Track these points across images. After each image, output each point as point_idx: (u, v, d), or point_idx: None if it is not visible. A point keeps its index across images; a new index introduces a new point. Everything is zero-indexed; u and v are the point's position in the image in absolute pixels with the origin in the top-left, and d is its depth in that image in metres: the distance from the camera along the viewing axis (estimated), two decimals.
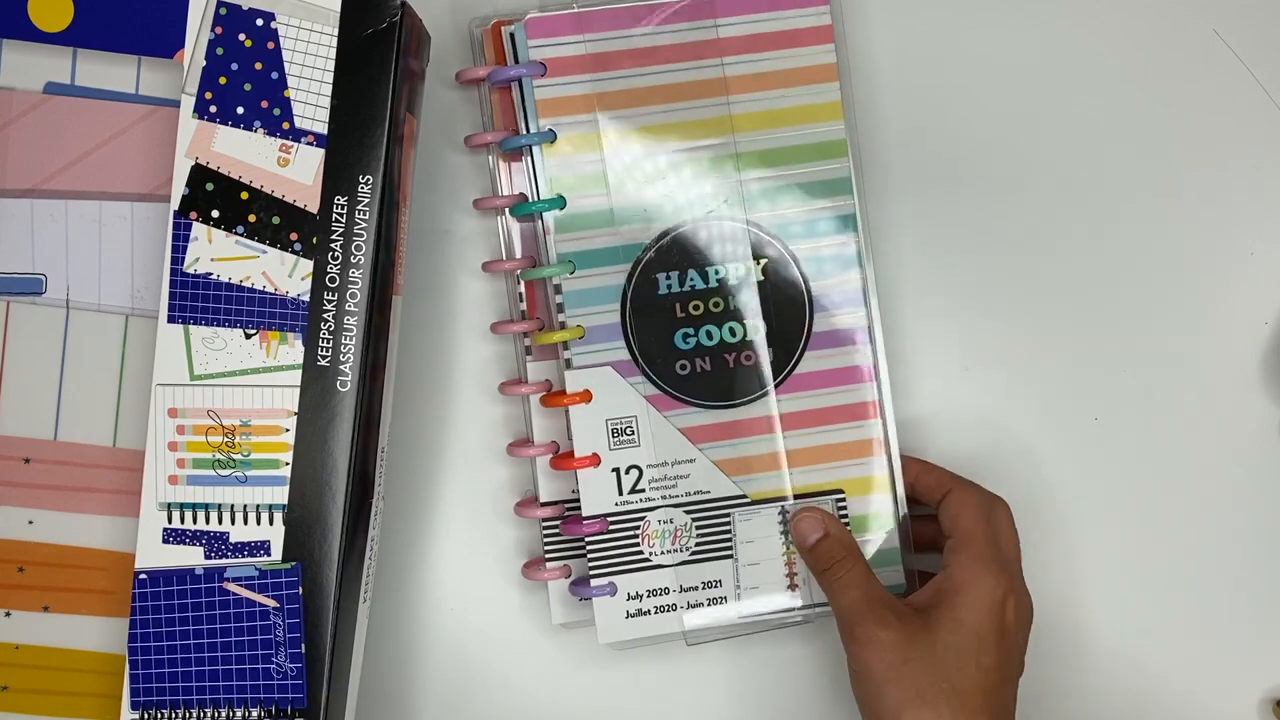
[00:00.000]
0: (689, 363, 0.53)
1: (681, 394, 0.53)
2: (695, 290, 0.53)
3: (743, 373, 0.54)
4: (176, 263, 0.48)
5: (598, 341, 0.53)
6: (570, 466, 0.53)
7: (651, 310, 0.53)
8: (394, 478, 0.55)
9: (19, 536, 0.50)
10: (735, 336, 0.54)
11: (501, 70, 0.52)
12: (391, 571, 0.56)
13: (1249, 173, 0.58)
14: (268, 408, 0.48)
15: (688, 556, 0.53)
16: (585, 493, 0.53)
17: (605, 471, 0.53)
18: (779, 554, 0.53)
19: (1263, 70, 0.58)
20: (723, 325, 0.53)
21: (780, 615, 0.54)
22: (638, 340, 0.53)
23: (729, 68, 0.53)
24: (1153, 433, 0.58)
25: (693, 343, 0.53)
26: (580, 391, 0.53)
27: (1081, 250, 0.58)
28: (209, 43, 0.48)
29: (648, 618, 0.53)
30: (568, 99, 0.52)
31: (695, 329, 0.53)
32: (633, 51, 0.53)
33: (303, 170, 0.48)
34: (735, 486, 0.53)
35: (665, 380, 0.53)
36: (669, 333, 0.53)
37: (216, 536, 0.48)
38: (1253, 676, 0.58)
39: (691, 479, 0.53)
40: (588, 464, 0.53)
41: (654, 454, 0.53)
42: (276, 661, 0.48)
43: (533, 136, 0.52)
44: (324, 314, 0.48)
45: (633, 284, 0.53)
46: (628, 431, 0.53)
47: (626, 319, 0.53)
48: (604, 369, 0.53)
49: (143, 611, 0.48)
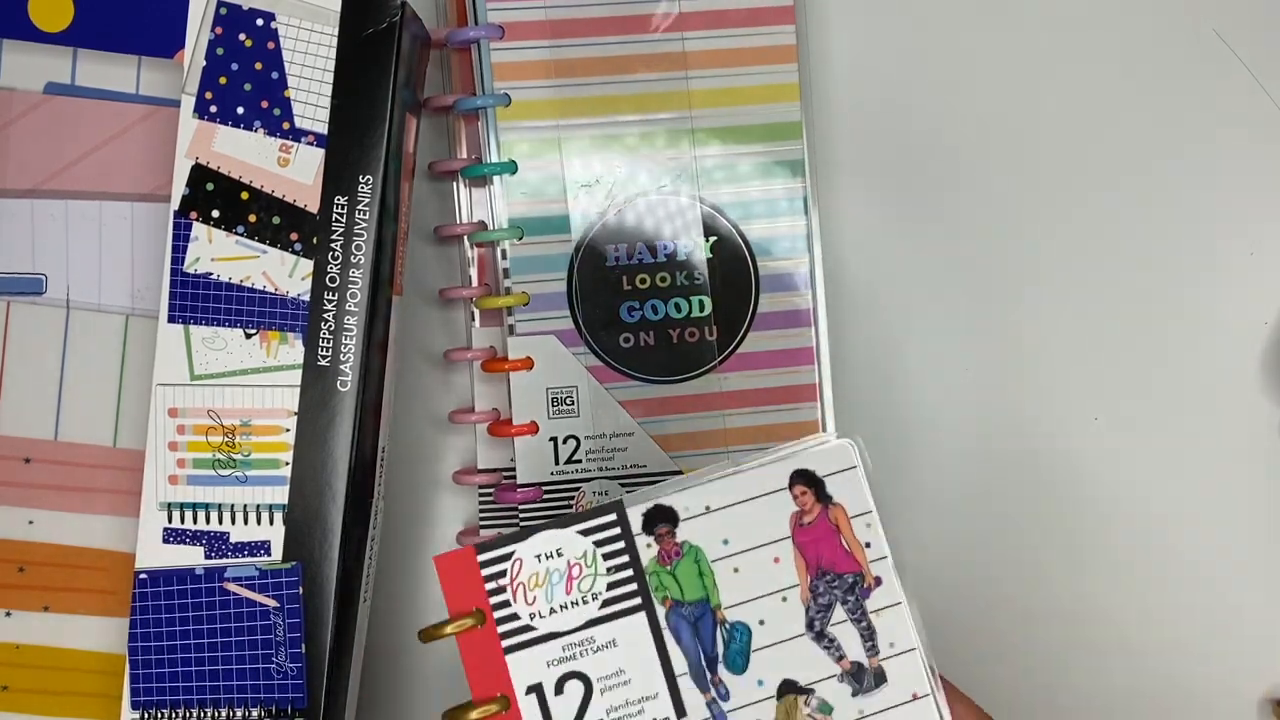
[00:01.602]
0: (633, 336, 0.53)
1: (624, 367, 0.53)
2: (643, 264, 0.53)
3: (686, 349, 0.54)
4: (177, 263, 0.48)
5: (542, 309, 0.53)
6: (507, 433, 0.53)
7: (598, 281, 0.53)
8: (394, 478, 0.55)
9: (19, 536, 0.50)
10: (680, 312, 0.54)
11: (460, 31, 0.52)
12: (391, 571, 0.56)
13: (1249, 173, 0.58)
14: (268, 408, 0.48)
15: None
16: (521, 461, 0.53)
17: (543, 440, 0.53)
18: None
19: (1263, 70, 0.58)
20: (669, 300, 0.54)
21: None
22: (582, 311, 0.53)
23: (689, 42, 0.53)
24: (1152, 433, 0.58)
25: (637, 316, 0.53)
26: (521, 359, 0.53)
27: (1081, 250, 0.58)
28: (209, 43, 0.48)
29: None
30: (525, 64, 0.52)
31: (641, 303, 0.53)
32: (593, 20, 0.53)
33: (303, 170, 0.48)
34: (672, 462, 0.53)
35: (608, 352, 0.53)
36: (614, 305, 0.53)
37: (216, 536, 0.48)
38: (1253, 676, 0.58)
39: (629, 452, 0.53)
40: (525, 431, 0.53)
41: (593, 425, 0.53)
42: (276, 661, 0.48)
43: (487, 99, 0.52)
44: (324, 314, 0.48)
45: (580, 254, 0.53)
46: (567, 401, 0.53)
47: (573, 288, 0.53)
48: (547, 337, 0.53)
49: (143, 611, 0.48)
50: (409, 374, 0.55)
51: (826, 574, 0.43)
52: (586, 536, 0.42)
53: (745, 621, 0.42)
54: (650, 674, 0.41)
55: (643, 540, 0.42)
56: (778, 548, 0.42)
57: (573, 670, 0.41)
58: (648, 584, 0.42)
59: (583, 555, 0.42)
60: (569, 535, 0.42)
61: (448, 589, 0.41)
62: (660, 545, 0.42)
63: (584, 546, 0.42)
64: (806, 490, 0.43)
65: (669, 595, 0.42)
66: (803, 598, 0.42)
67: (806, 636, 0.42)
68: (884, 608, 0.42)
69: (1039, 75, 0.58)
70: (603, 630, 0.41)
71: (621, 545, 0.42)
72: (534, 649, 0.41)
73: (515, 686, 0.41)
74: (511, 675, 0.41)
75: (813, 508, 0.43)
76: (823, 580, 0.43)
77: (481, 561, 0.41)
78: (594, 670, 0.41)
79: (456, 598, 0.41)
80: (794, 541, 0.42)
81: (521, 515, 0.53)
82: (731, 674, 0.42)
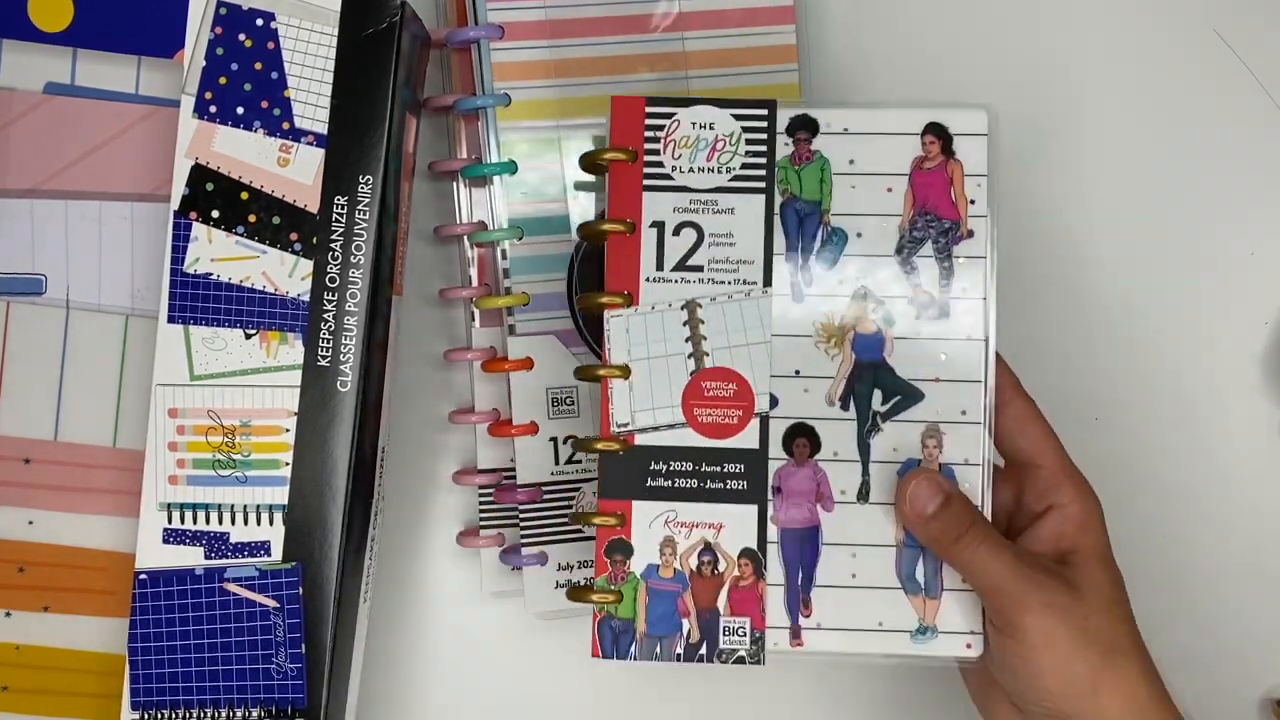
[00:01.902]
0: None
1: None
2: None
3: None
4: (176, 263, 0.48)
5: (542, 309, 0.53)
6: (507, 434, 0.53)
7: (598, 281, 0.53)
8: (394, 478, 0.55)
9: (19, 536, 0.50)
10: None
11: (460, 31, 0.52)
12: (391, 571, 0.56)
13: (1249, 172, 0.58)
14: (268, 408, 0.48)
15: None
16: (521, 461, 0.53)
17: (542, 440, 0.53)
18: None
19: (1263, 70, 0.58)
20: None
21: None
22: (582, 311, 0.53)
23: (689, 42, 0.53)
24: (1153, 432, 0.58)
25: None
26: (521, 359, 0.53)
27: (1080, 250, 0.58)
28: (209, 43, 0.48)
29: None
30: (524, 64, 0.52)
31: None
32: (593, 20, 0.53)
33: (303, 170, 0.48)
34: None
35: None
36: None
37: (216, 536, 0.48)
38: (1253, 676, 0.58)
39: None
40: (525, 432, 0.53)
41: (593, 425, 0.53)
42: (276, 661, 0.48)
43: (486, 99, 0.52)
44: (324, 314, 0.48)
45: (580, 254, 0.53)
46: (568, 401, 0.53)
47: (573, 289, 0.53)
48: (547, 337, 0.53)
49: (143, 611, 0.48)
50: (409, 374, 0.55)
51: (928, 214, 0.48)
52: (738, 121, 0.48)
53: (845, 229, 0.48)
54: (754, 245, 0.48)
55: (783, 139, 0.48)
56: (894, 180, 0.48)
57: (692, 220, 0.48)
58: (775, 175, 0.48)
59: (730, 134, 0.48)
60: (725, 115, 0.48)
61: (616, 124, 0.48)
62: (796, 148, 0.48)
63: (733, 128, 0.48)
64: (935, 141, 0.48)
65: (789, 189, 0.48)
66: (901, 226, 0.48)
67: (894, 259, 0.48)
68: (968, 257, 0.48)
69: (1038, 74, 0.58)
70: (726, 198, 0.48)
71: (764, 137, 0.48)
72: (667, 194, 0.48)
73: (644, 217, 0.48)
74: (644, 207, 0.48)
75: (936, 156, 0.48)
76: (923, 218, 0.48)
77: (648, 112, 0.48)
78: (709, 226, 0.47)
79: (621, 133, 0.48)
80: (910, 180, 0.48)
81: (521, 515, 0.53)
82: (821, 268, 0.48)
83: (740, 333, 0.47)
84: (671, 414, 0.47)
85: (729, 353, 0.47)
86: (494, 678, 0.56)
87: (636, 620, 0.47)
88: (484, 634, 0.56)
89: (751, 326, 0.47)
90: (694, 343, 0.47)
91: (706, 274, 0.47)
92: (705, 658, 0.47)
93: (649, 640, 0.47)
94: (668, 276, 0.47)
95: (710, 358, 0.47)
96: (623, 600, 0.47)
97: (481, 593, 0.55)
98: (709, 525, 0.47)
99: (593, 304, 0.47)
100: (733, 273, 0.48)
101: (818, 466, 0.47)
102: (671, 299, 0.47)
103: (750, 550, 0.47)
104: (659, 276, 0.47)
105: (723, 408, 0.47)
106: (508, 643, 0.56)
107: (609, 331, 0.47)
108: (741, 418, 0.47)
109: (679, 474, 0.47)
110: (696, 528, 0.47)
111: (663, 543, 0.47)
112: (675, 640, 0.47)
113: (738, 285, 0.47)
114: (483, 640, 0.56)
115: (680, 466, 0.47)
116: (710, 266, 0.47)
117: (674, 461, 0.47)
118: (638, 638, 0.47)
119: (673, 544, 0.47)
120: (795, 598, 0.47)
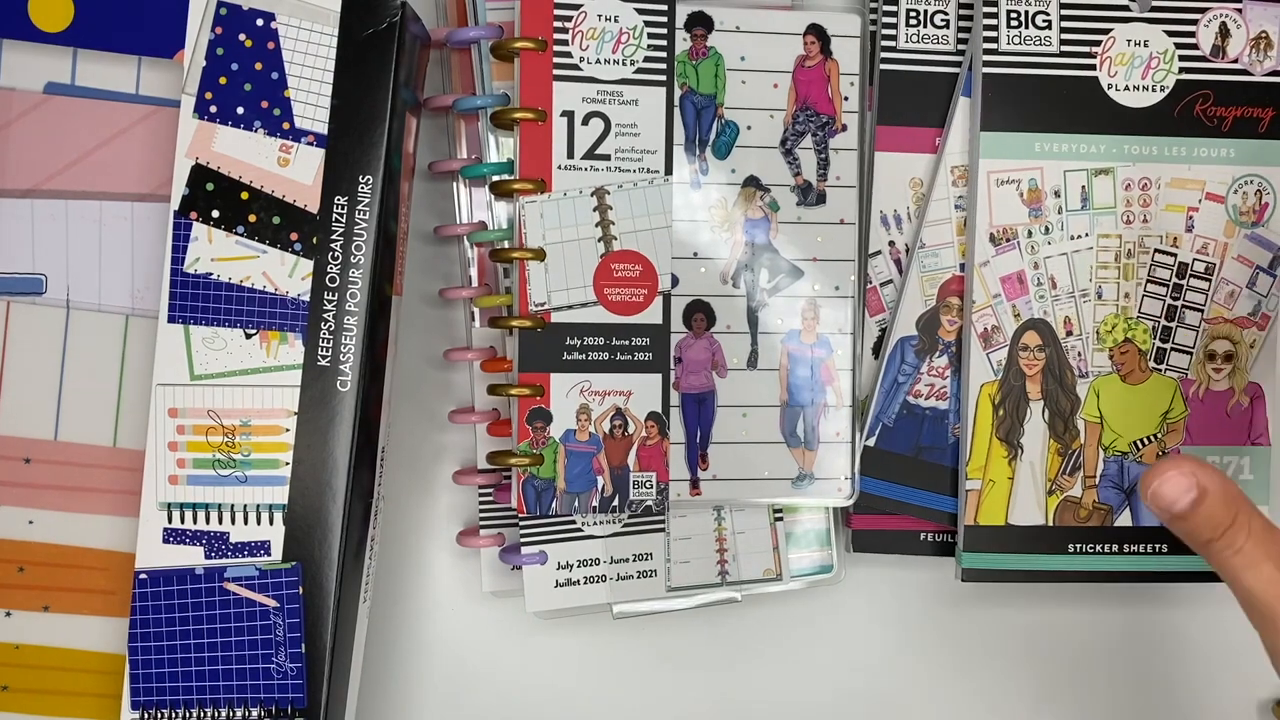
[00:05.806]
0: None
1: None
2: None
3: None
4: (176, 263, 0.48)
5: None
6: (507, 434, 0.53)
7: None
8: (394, 478, 0.55)
9: (19, 536, 0.50)
10: None
11: (459, 32, 0.52)
12: (391, 571, 0.56)
13: None
14: (268, 408, 0.48)
15: (619, 528, 0.53)
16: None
17: None
18: (710, 531, 0.54)
19: None
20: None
21: (709, 589, 0.54)
22: None
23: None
24: None
25: None
26: None
27: None
28: (209, 43, 0.48)
29: (576, 588, 0.53)
30: None
31: None
32: None
33: (303, 170, 0.48)
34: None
35: None
36: None
37: (216, 536, 0.48)
38: (1253, 677, 0.58)
39: None
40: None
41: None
42: (276, 661, 0.48)
43: (485, 99, 0.52)
44: (324, 314, 0.48)
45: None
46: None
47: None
48: None
49: (143, 611, 0.48)
50: (409, 374, 0.56)
51: (809, 109, 0.53)
52: (640, 15, 0.51)
53: (737, 122, 0.53)
54: (655, 134, 0.51)
55: (681, 34, 0.52)
56: (779, 77, 0.53)
57: (599, 111, 0.51)
58: (674, 69, 0.51)
59: (633, 28, 0.51)
60: (628, 9, 0.51)
61: (525, 13, 0.50)
62: (693, 43, 0.52)
63: (636, 21, 0.51)
64: (815, 41, 0.53)
65: (687, 83, 0.52)
66: (785, 120, 0.53)
67: (778, 150, 0.53)
68: (841, 149, 0.53)
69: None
70: (631, 90, 0.51)
71: (664, 31, 0.51)
72: (576, 85, 0.51)
73: (554, 107, 0.51)
74: (554, 97, 0.51)
75: (815, 56, 0.53)
76: (804, 113, 0.53)
77: (557, 2, 0.50)
78: (615, 116, 0.51)
79: (530, 24, 0.50)
80: (793, 77, 0.53)
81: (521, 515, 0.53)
82: (715, 158, 0.52)
83: (645, 218, 0.52)
84: (584, 293, 0.51)
85: (635, 237, 0.52)
86: (494, 677, 0.56)
87: (557, 479, 0.51)
88: (484, 633, 0.56)
89: (655, 212, 0.52)
90: (603, 227, 0.51)
91: (614, 162, 0.51)
92: (618, 508, 0.52)
93: (568, 496, 0.51)
94: (578, 164, 0.51)
95: (618, 241, 0.51)
96: (544, 462, 0.51)
97: (481, 592, 0.55)
98: (619, 393, 0.52)
99: (508, 189, 0.50)
100: (637, 161, 0.51)
101: (713, 338, 0.53)
102: (582, 186, 0.51)
103: (656, 414, 0.52)
104: (570, 164, 0.51)
105: (630, 287, 0.51)
106: (508, 642, 0.56)
107: (524, 216, 0.51)
108: (647, 296, 0.52)
109: (592, 348, 0.51)
110: (608, 395, 0.51)
111: (579, 409, 0.51)
112: (591, 495, 0.52)
113: (642, 174, 0.51)
114: (483, 640, 0.56)
115: (593, 341, 0.51)
116: (617, 155, 0.51)
117: (587, 337, 0.51)
118: (558, 494, 0.51)
119: (587, 410, 0.51)
120: (694, 454, 0.53)
